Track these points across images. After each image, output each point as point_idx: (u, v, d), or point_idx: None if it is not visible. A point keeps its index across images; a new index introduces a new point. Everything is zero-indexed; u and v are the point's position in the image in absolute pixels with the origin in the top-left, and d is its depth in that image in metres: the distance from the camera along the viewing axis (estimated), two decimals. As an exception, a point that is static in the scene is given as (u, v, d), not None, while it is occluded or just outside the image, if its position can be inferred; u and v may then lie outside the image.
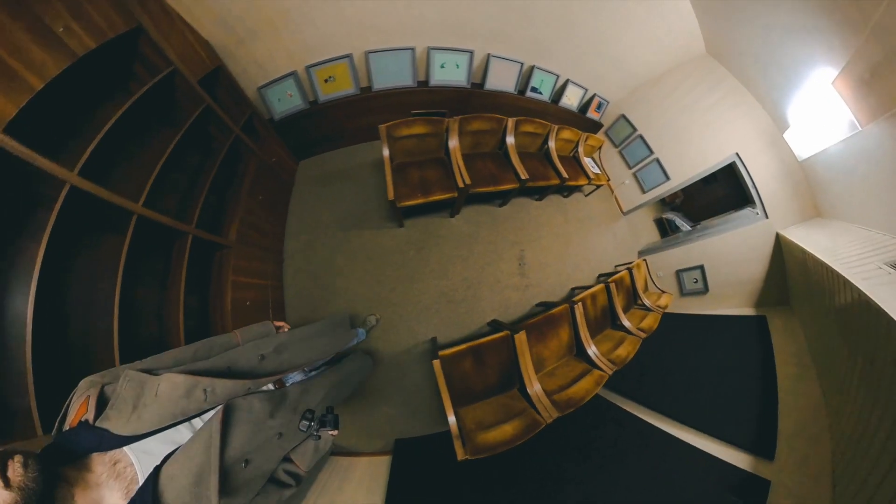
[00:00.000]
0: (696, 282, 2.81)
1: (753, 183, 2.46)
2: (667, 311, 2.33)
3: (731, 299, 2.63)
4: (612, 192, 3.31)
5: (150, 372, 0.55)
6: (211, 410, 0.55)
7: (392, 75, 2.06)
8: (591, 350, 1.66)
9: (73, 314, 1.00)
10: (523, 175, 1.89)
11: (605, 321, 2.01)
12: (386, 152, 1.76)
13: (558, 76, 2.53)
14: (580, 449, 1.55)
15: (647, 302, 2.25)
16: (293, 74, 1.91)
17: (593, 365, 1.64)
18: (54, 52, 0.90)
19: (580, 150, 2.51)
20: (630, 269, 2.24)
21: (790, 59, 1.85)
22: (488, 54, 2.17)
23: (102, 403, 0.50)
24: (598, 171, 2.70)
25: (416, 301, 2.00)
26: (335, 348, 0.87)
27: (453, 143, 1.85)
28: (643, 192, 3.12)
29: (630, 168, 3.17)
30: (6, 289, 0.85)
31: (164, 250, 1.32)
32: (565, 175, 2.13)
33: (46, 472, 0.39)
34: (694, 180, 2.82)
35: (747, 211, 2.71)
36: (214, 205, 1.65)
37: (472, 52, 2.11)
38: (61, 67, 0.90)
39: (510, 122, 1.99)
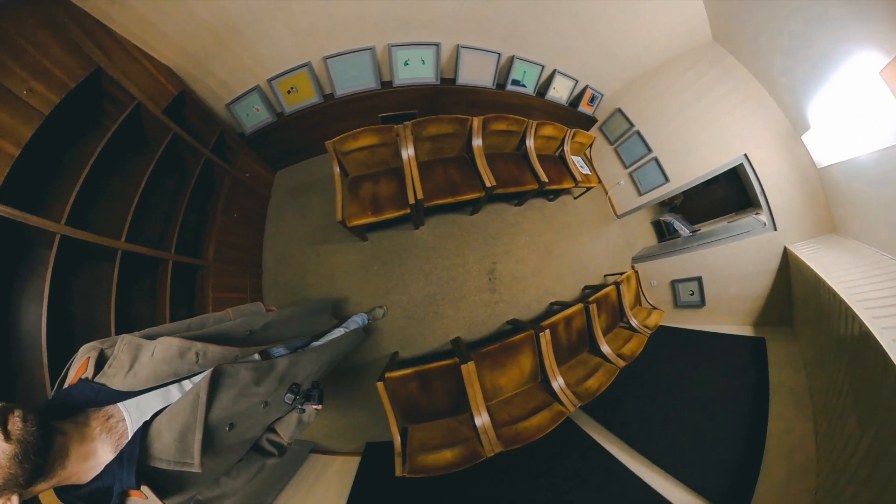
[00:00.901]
0: (692, 294, 2.50)
1: (763, 189, 2.12)
2: (659, 324, 2.09)
3: (728, 315, 2.33)
4: (606, 193, 2.97)
5: (145, 338, 0.58)
6: (201, 374, 0.57)
7: (353, 79, 1.89)
8: (557, 382, 1.49)
9: (78, 332, 1.10)
10: (489, 182, 1.65)
11: (582, 345, 1.80)
12: (336, 169, 1.63)
13: (543, 66, 2.22)
14: (536, 476, 1.42)
15: (633, 322, 2.00)
16: (256, 89, 1.81)
17: (556, 398, 1.47)
18: (23, 115, 0.92)
19: (566, 148, 2.20)
20: (618, 284, 1.98)
21: (818, 44, 1.50)
22: (458, 46, 1.91)
23: (101, 364, 0.52)
24: (588, 172, 2.39)
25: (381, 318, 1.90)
26: (315, 329, 0.95)
27: (407, 152, 1.64)
28: (639, 194, 2.78)
29: (626, 168, 2.82)
30: (24, 307, 0.98)
31: (151, 272, 1.42)
32: (544, 178, 1.86)
33: (44, 426, 0.41)
34: (696, 183, 2.47)
35: (752, 219, 2.35)
36: (194, 224, 1.69)
37: (438, 45, 1.86)
38: (33, 129, 0.93)
39: (475, 121, 1.72)
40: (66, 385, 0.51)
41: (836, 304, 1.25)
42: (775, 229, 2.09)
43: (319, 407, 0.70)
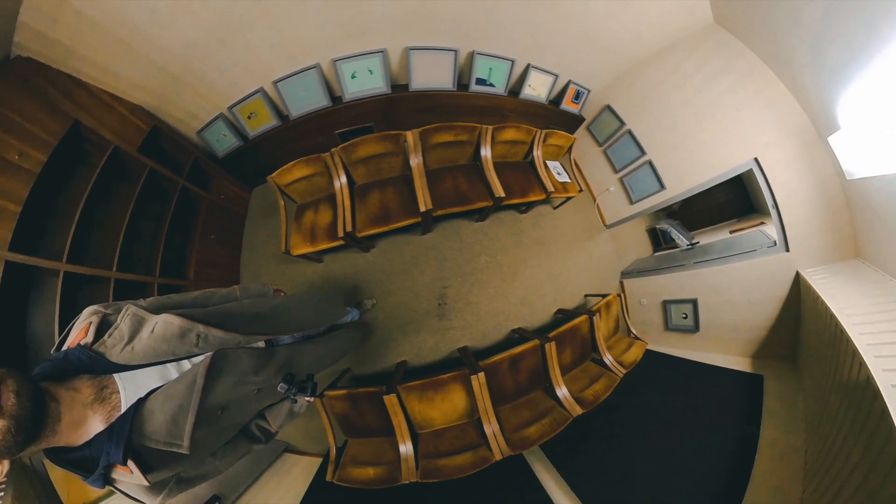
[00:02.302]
0: (685, 317, 2.11)
1: (775, 202, 1.69)
2: (638, 360, 1.73)
3: (724, 345, 1.97)
4: (595, 200, 2.56)
5: (150, 311, 0.55)
6: (200, 355, 0.55)
7: (304, 99, 1.81)
8: (490, 427, 1.33)
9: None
10: (424, 206, 1.46)
11: (535, 383, 1.55)
12: (281, 202, 1.59)
13: (513, 61, 1.90)
14: None
15: (607, 358, 1.66)
16: (220, 116, 1.84)
17: (486, 442, 1.33)
18: (18, 178, 1.03)
19: (536, 153, 1.85)
20: (591, 314, 1.64)
21: (854, 24, 1.07)
22: (406, 49, 1.69)
23: (101, 331, 0.51)
24: (567, 179, 2.02)
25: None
26: (325, 322, 0.89)
27: (339, 181, 1.53)
28: (631, 202, 2.36)
29: (616, 172, 2.38)
30: (36, 319, 1.12)
31: (141, 292, 1.51)
32: (499, 193, 1.58)
33: (37, 397, 0.40)
34: (696, 191, 2.05)
35: (759, 234, 1.88)
36: (179, 244, 1.80)
37: (383, 52, 1.68)
38: (29, 187, 1.05)
39: (411, 136, 1.51)
40: (65, 347, 0.50)
41: (849, 353, 0.94)
42: (787, 250, 1.67)
43: (312, 399, 0.68)
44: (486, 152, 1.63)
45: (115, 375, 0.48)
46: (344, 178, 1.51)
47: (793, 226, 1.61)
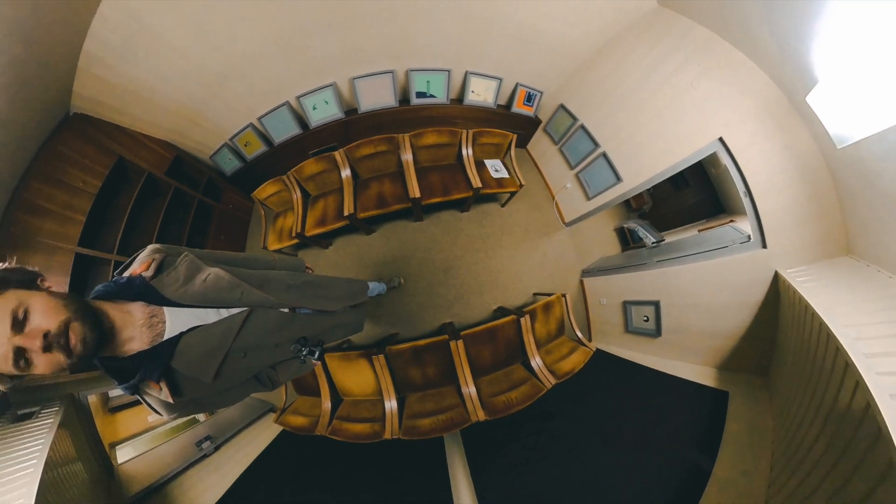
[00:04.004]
0: (646, 320, 1.81)
1: (747, 188, 1.32)
2: (577, 368, 1.49)
3: (688, 353, 1.61)
4: (553, 198, 2.37)
5: (203, 260, 0.60)
6: (236, 309, 0.60)
7: (282, 129, 2.12)
8: (389, 404, 1.27)
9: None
10: (348, 209, 1.55)
11: (447, 380, 1.41)
12: (262, 211, 1.85)
13: (449, 71, 1.88)
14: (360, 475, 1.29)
15: (535, 363, 1.46)
16: (225, 145, 2.22)
17: (383, 419, 1.29)
18: (82, 198, 1.40)
19: (466, 152, 1.76)
20: (521, 316, 1.47)
21: None
22: (351, 79, 1.82)
23: (161, 269, 0.55)
24: (505, 175, 1.87)
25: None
26: (344, 304, 0.94)
27: (295, 194, 1.70)
28: (588, 198, 2.12)
29: (572, 168, 2.17)
30: None
31: None
32: (415, 194, 1.57)
33: (100, 334, 0.45)
34: (656, 181, 1.71)
35: (730, 229, 1.50)
36: (197, 243, 2.15)
37: (333, 85, 1.84)
38: (90, 204, 1.41)
39: (338, 156, 1.64)
40: (127, 273, 0.55)
41: (840, 368, 0.72)
42: (764, 246, 1.29)
43: (318, 363, 0.77)
44: (407, 157, 1.66)
45: (165, 308, 0.53)
46: (298, 193, 1.69)
47: (770, 217, 1.23)
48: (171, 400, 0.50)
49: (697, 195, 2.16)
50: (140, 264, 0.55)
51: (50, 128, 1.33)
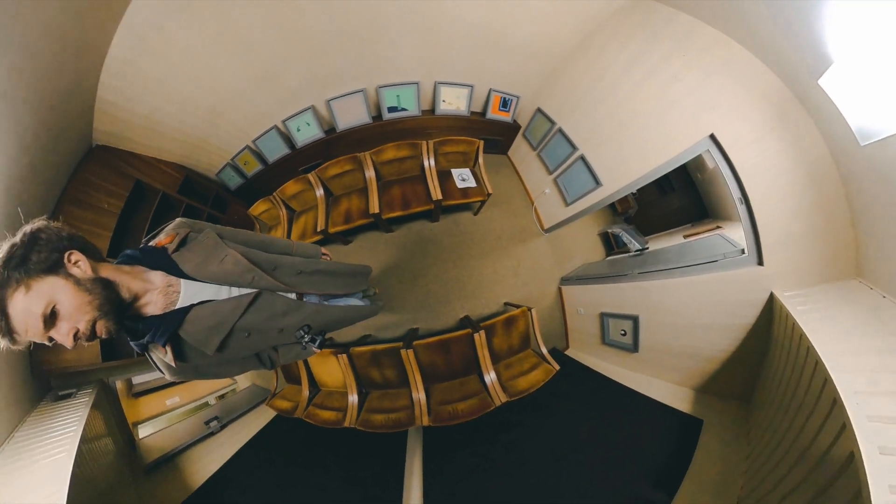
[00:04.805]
0: (623, 334, 1.64)
1: (744, 196, 1.09)
2: (537, 386, 1.36)
3: (665, 372, 1.42)
4: (532, 204, 2.25)
5: (224, 240, 0.62)
6: (247, 290, 0.61)
7: (274, 149, 2.23)
8: (352, 398, 1.32)
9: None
10: (319, 226, 1.60)
11: (402, 383, 1.42)
12: (257, 227, 2.05)
13: (417, 83, 1.85)
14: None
15: (489, 378, 1.38)
16: (228, 164, 2.45)
17: (345, 411, 1.32)
18: (108, 216, 1.59)
19: (428, 164, 1.70)
20: (477, 330, 1.39)
21: None
22: (326, 101, 1.87)
23: (183, 244, 0.58)
24: (472, 185, 1.77)
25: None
26: (350, 290, 0.96)
27: (281, 212, 1.81)
28: (566, 203, 1.97)
29: (550, 173, 2.04)
30: None
31: None
32: (375, 209, 1.59)
33: (122, 326, 0.50)
34: (639, 185, 1.52)
35: (720, 239, 1.30)
36: None
37: (311, 108, 1.92)
38: (114, 222, 1.60)
39: (311, 177, 1.72)
40: (153, 242, 0.58)
41: (830, 410, 0.61)
42: (760, 263, 1.07)
43: (318, 350, 0.74)
44: (369, 174, 1.66)
45: (182, 280, 0.55)
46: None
47: (768, 228, 1.02)
48: (173, 364, 0.53)
49: (682, 200, 1.91)
50: (166, 236, 0.58)
51: (77, 159, 1.53)
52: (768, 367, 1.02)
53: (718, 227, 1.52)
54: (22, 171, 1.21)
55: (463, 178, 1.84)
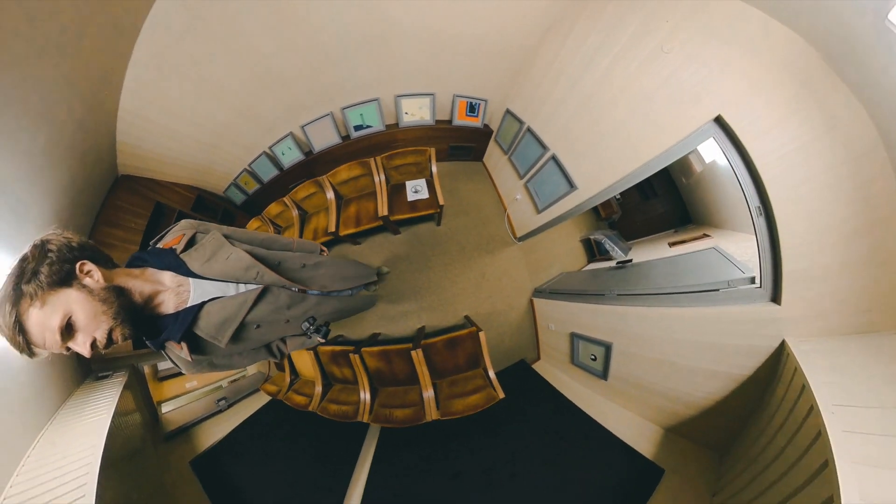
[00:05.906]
0: (593, 359, 1.40)
1: (766, 206, 0.75)
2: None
3: (634, 405, 1.18)
4: (505, 210, 2.07)
5: (229, 238, 0.62)
6: (253, 285, 0.62)
7: (267, 171, 2.44)
8: (316, 387, 1.43)
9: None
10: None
11: (355, 380, 1.49)
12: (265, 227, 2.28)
13: (377, 99, 1.85)
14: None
15: (426, 394, 1.35)
16: (231, 184, 2.80)
17: (312, 399, 1.39)
18: (134, 234, 1.76)
19: (378, 179, 1.66)
20: (413, 348, 1.34)
21: None
22: (301, 126, 1.99)
23: (190, 244, 0.58)
24: (423, 196, 1.67)
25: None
26: (353, 285, 0.96)
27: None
28: (538, 210, 1.76)
29: (521, 178, 1.84)
30: None
31: None
32: (332, 228, 1.66)
33: (137, 327, 0.50)
34: (621, 188, 1.23)
35: (719, 258, 1.09)
36: None
37: (290, 134, 2.06)
38: (140, 237, 1.79)
39: (287, 199, 1.91)
40: (161, 244, 0.59)
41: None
42: (775, 300, 0.75)
43: (322, 341, 0.75)
44: (329, 195, 1.72)
45: (191, 279, 0.56)
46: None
47: (793, 252, 0.70)
48: (189, 358, 0.55)
49: (665, 205, 1.55)
50: (173, 237, 0.58)
51: (107, 187, 1.84)
52: (759, 426, 0.75)
53: (705, 235, 1.18)
54: (67, 202, 1.52)
55: (416, 189, 1.75)
